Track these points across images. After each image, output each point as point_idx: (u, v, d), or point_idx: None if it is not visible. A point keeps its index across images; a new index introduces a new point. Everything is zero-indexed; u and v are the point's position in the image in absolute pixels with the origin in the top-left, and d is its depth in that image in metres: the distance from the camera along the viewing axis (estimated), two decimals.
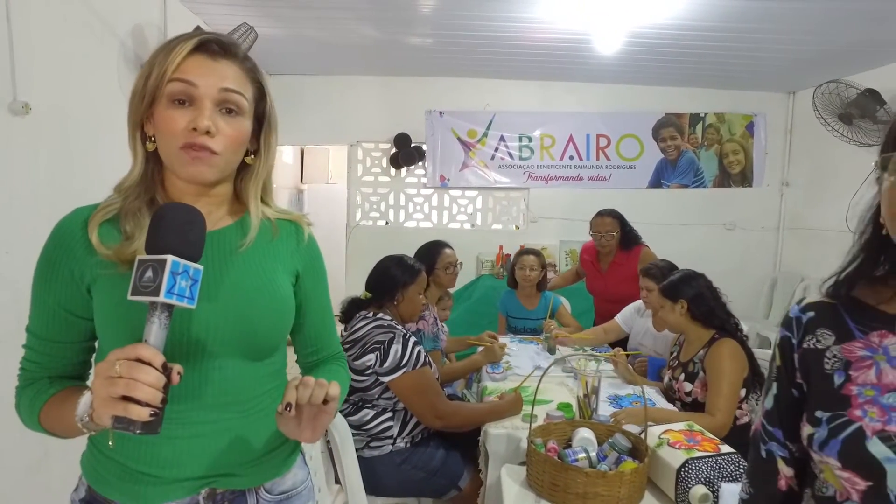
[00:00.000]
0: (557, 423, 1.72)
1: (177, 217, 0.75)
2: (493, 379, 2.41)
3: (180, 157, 0.83)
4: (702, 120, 4.83)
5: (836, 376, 0.77)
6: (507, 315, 3.26)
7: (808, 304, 0.85)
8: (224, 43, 0.87)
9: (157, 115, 0.84)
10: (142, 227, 0.83)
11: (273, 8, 3.25)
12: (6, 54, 1.93)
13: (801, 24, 3.26)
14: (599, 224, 3.15)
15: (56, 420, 0.84)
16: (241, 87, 0.87)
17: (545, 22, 3.32)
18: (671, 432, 1.56)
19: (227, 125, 0.85)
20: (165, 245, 0.72)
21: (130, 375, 0.68)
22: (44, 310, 0.87)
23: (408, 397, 1.88)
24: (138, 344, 0.70)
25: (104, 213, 0.86)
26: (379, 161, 4.80)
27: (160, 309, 0.72)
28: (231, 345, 0.88)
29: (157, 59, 0.83)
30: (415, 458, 1.93)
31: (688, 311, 2.09)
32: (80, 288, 0.86)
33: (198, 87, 0.82)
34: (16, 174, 2.00)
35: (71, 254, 0.85)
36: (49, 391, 0.86)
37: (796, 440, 0.83)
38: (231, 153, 0.87)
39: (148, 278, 0.70)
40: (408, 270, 2.11)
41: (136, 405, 0.67)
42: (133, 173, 0.88)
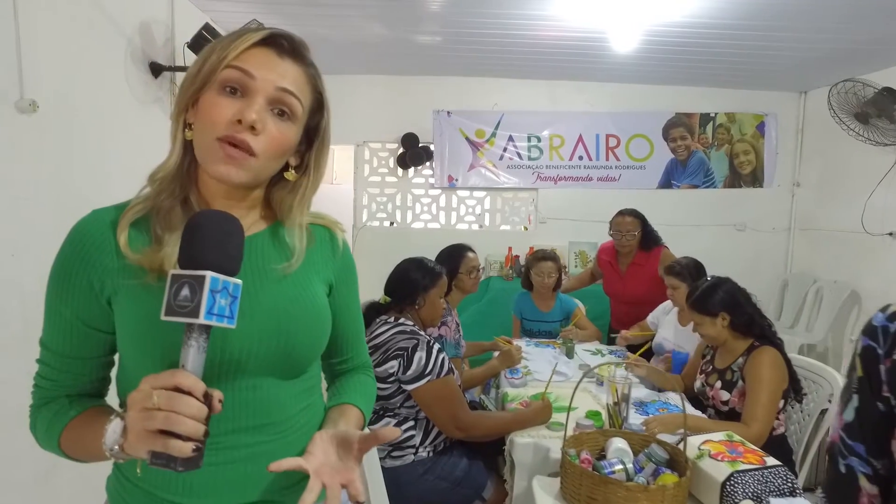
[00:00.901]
0: (589, 433, 1.65)
1: (215, 227, 0.68)
2: (513, 385, 2.35)
3: (213, 151, 0.75)
4: (712, 120, 4.78)
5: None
6: (521, 318, 3.20)
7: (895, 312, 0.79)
8: (295, 41, 0.81)
9: (203, 101, 0.76)
10: (172, 230, 0.76)
11: (282, 5, 3.19)
12: (13, 51, 1.87)
13: (817, 21, 3.21)
14: (621, 223, 3.08)
15: (79, 446, 0.77)
16: (300, 92, 0.80)
17: (559, 20, 3.26)
18: (711, 443, 1.50)
19: (275, 127, 0.78)
20: (203, 259, 0.65)
21: (171, 408, 0.61)
22: (60, 322, 0.79)
23: (430, 407, 1.82)
24: (176, 371, 0.64)
25: (135, 212, 0.78)
26: (386, 161, 4.74)
27: (198, 331, 0.65)
28: (267, 362, 0.81)
29: (218, 45, 0.77)
30: (438, 468, 1.87)
31: (730, 323, 2.01)
32: (100, 299, 0.78)
33: (255, 79, 0.76)
34: (22, 173, 1.93)
35: (90, 261, 0.77)
36: (69, 413, 0.79)
37: (881, 456, 0.78)
38: (270, 159, 0.79)
39: (184, 297, 0.63)
40: (428, 273, 2.04)
41: (177, 440, 0.61)
42: (169, 162, 0.79)
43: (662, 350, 2.76)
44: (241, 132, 0.75)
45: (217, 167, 0.76)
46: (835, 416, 0.86)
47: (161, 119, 2.72)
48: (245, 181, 0.78)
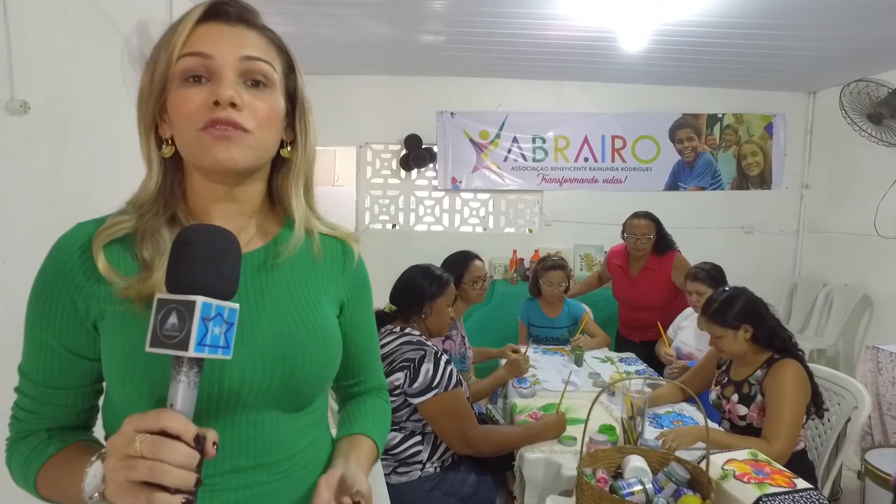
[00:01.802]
0: (604, 450, 1.57)
1: (206, 243, 0.59)
2: (521, 394, 2.27)
3: (202, 142, 0.67)
4: (719, 121, 4.71)
5: None
6: (528, 324, 3.12)
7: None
8: (240, 5, 0.71)
9: (171, 102, 0.68)
10: (162, 253, 0.68)
11: (284, 4, 3.13)
12: (3, 51, 1.80)
13: (830, 21, 3.14)
14: (635, 226, 3.00)
15: (57, 489, 0.69)
16: (267, 55, 0.71)
17: (567, 19, 3.19)
18: (735, 462, 1.43)
19: (255, 99, 0.69)
20: (193, 281, 0.57)
21: (155, 456, 0.53)
22: (41, 349, 0.71)
23: (437, 421, 1.74)
24: (162, 411, 0.55)
25: (111, 232, 0.69)
26: (388, 163, 4.67)
27: (188, 364, 0.56)
28: (269, 395, 0.72)
29: (161, 44, 0.69)
30: (445, 485, 1.79)
31: (752, 335, 1.91)
32: (85, 323, 0.70)
33: (213, 57, 0.67)
34: (13, 177, 1.86)
35: (73, 281, 0.69)
36: (48, 449, 0.70)
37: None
38: (264, 132, 0.70)
39: (172, 326, 0.55)
40: (436, 281, 1.97)
41: (164, 493, 0.52)
42: (149, 186, 0.71)
43: (681, 353, 2.69)
44: (222, 112, 0.66)
45: (213, 154, 0.67)
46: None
47: None
48: (249, 162, 0.70)
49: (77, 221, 0.73)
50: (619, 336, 3.28)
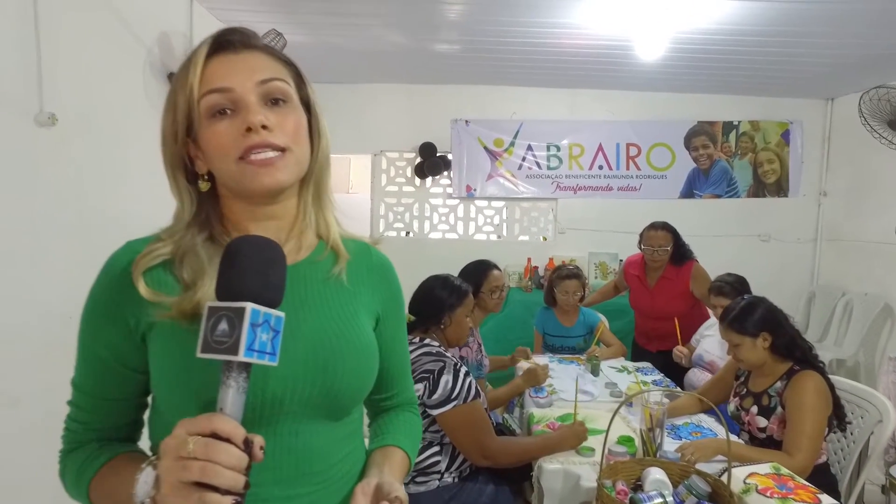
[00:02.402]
0: (624, 462, 1.57)
1: (255, 253, 0.62)
2: (538, 404, 2.27)
3: (245, 171, 0.70)
4: (735, 128, 4.68)
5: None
6: (543, 333, 3.12)
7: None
8: (242, 32, 0.75)
9: (203, 139, 0.72)
10: (203, 273, 0.71)
11: (301, 14, 3.17)
12: (34, 65, 1.85)
13: (849, 27, 3.12)
14: (652, 238, 2.98)
15: (107, 496, 0.71)
16: (279, 73, 0.74)
17: (582, 27, 3.20)
18: (757, 476, 1.42)
19: (280, 116, 0.72)
20: (243, 289, 0.59)
21: (207, 457, 0.55)
22: (94, 362, 0.74)
23: (455, 432, 1.75)
24: (213, 415, 0.57)
25: (148, 260, 0.72)
26: (403, 171, 4.69)
27: (237, 369, 0.59)
28: (311, 404, 0.74)
29: (178, 85, 0.72)
30: (463, 495, 1.79)
31: (771, 344, 1.90)
32: (135, 337, 0.72)
33: (233, 89, 0.70)
34: (40, 186, 1.91)
35: (122, 298, 0.72)
36: (99, 459, 0.73)
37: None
38: (298, 146, 0.74)
39: (222, 332, 0.57)
40: (455, 292, 1.98)
41: (215, 494, 0.54)
42: (182, 218, 0.75)
43: (702, 362, 2.67)
44: (256, 137, 0.70)
45: (259, 180, 0.71)
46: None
47: None
48: (293, 178, 0.74)
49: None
50: (635, 345, 3.27)
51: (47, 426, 0.79)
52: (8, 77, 1.78)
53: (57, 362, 0.80)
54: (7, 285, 1.76)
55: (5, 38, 1.76)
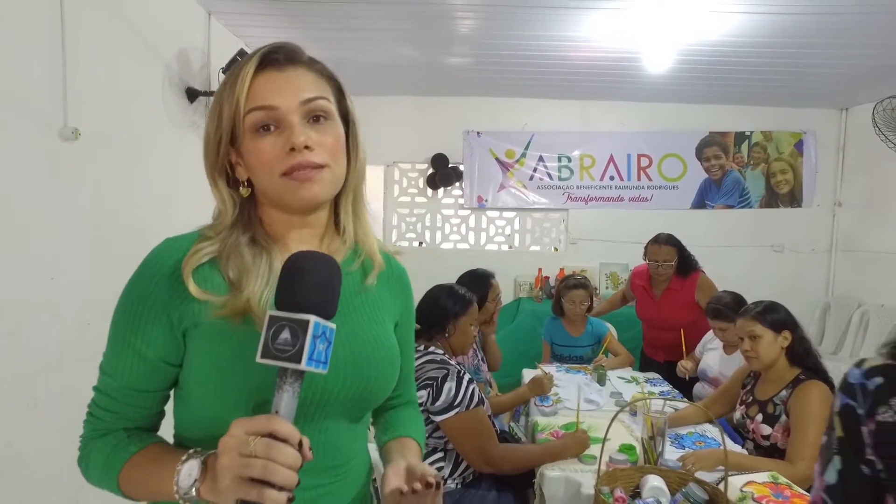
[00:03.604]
0: (623, 469, 1.59)
1: (319, 270, 0.67)
2: (543, 413, 2.29)
3: (287, 186, 0.75)
4: (748, 138, 4.68)
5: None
6: (552, 343, 3.14)
7: (873, 367, 0.74)
8: (287, 49, 0.78)
9: (246, 152, 0.76)
10: (247, 273, 0.75)
11: (315, 30, 3.25)
12: (59, 82, 1.94)
13: (862, 38, 3.12)
14: (656, 252, 3.00)
15: (141, 485, 0.74)
16: (322, 91, 0.78)
17: (592, 40, 3.24)
18: (755, 485, 1.43)
19: (321, 134, 0.76)
20: (308, 302, 0.64)
21: (269, 456, 0.59)
22: (130, 354, 0.75)
23: (458, 439, 1.78)
24: (272, 417, 0.62)
25: (198, 258, 0.75)
26: (416, 182, 4.76)
27: (293, 376, 0.63)
28: (342, 405, 0.79)
29: (223, 96, 0.76)
30: (466, 501, 1.82)
31: (790, 344, 1.91)
32: (176, 333, 0.75)
33: (278, 108, 0.74)
34: (63, 199, 1.99)
35: (167, 295, 0.74)
36: (129, 448, 0.75)
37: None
38: (335, 163, 0.78)
39: (284, 341, 0.61)
40: (459, 301, 2.02)
41: (272, 490, 0.59)
42: (225, 219, 0.79)
43: (706, 377, 2.68)
44: (299, 156, 0.74)
45: (300, 195, 0.75)
46: (816, 476, 0.80)
47: (196, 142, 2.79)
48: (330, 193, 0.79)
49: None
50: (643, 356, 3.27)
51: (63, 427, 0.82)
52: (35, 93, 1.87)
53: (74, 367, 0.84)
54: (28, 292, 1.84)
55: (35, 57, 1.85)
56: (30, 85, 1.84)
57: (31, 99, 1.85)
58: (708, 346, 2.74)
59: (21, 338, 1.80)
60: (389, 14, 3.02)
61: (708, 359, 2.69)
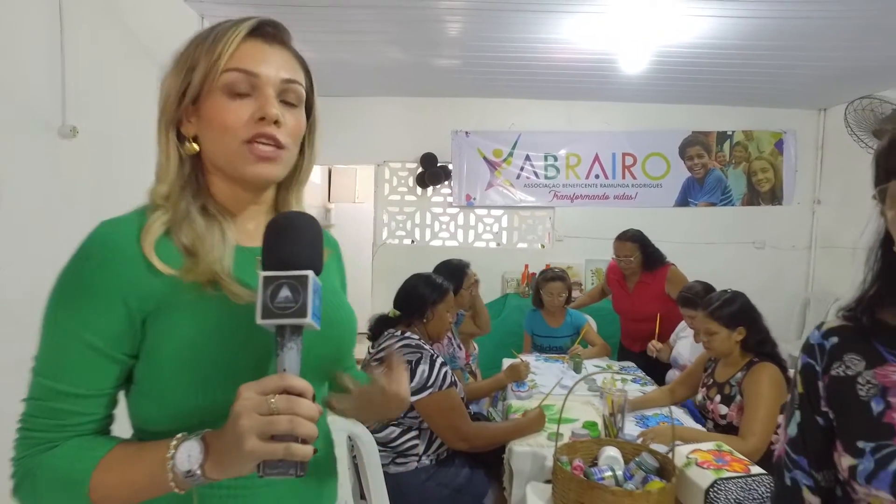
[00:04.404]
0: (583, 442, 1.71)
1: (307, 228, 0.69)
2: (519, 397, 2.41)
3: (243, 155, 0.73)
4: (729, 138, 4.80)
5: (873, 403, 0.75)
6: (532, 334, 3.26)
7: (830, 328, 0.84)
8: (279, 27, 0.79)
9: (210, 109, 0.73)
10: (202, 239, 0.72)
11: (305, 32, 3.36)
12: (58, 81, 2.04)
13: (831, 41, 3.24)
14: (619, 248, 3.15)
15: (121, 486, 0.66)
16: (299, 77, 0.79)
17: (571, 42, 3.37)
18: (699, 452, 1.55)
19: (290, 116, 0.76)
20: (302, 258, 0.65)
21: (292, 411, 0.59)
22: (79, 349, 0.67)
23: (432, 418, 1.90)
24: (283, 374, 0.62)
25: (156, 229, 0.71)
26: (405, 180, 4.88)
27: (295, 332, 0.63)
28: (317, 369, 0.79)
29: (201, 50, 0.73)
30: (440, 476, 1.94)
31: (744, 338, 2.03)
32: (134, 321, 0.69)
33: (259, 76, 0.74)
34: (61, 196, 2.09)
35: (123, 277, 0.68)
36: (94, 454, 0.67)
37: (822, 468, 0.82)
38: (294, 147, 0.79)
39: (286, 298, 0.62)
40: (437, 289, 2.14)
41: (298, 445, 0.59)
42: (169, 176, 0.76)
43: (677, 364, 2.79)
44: (267, 128, 0.73)
45: (254, 169, 0.74)
46: (781, 431, 0.91)
47: None
48: (281, 175, 0.79)
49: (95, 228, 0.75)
50: (621, 347, 3.39)
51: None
52: (35, 92, 1.97)
53: None
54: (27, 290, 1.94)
55: (35, 57, 1.96)
56: (29, 84, 1.94)
57: (30, 98, 1.95)
58: (680, 334, 2.86)
59: (22, 336, 1.89)
60: (379, 17, 3.14)
61: (679, 347, 2.81)
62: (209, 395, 0.69)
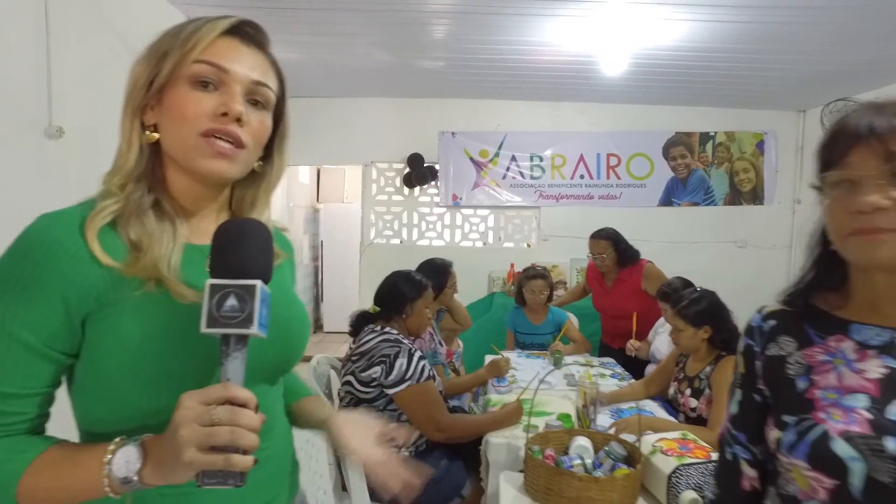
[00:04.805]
0: (556, 432, 1.77)
1: (257, 236, 0.68)
2: (499, 392, 2.47)
3: (199, 147, 0.72)
4: (712, 139, 4.88)
5: (799, 381, 0.82)
6: (515, 331, 3.32)
7: (769, 312, 0.90)
8: (259, 29, 0.79)
9: (172, 98, 0.73)
10: (150, 234, 0.71)
11: (290, 34, 3.41)
12: (44, 82, 2.08)
13: (805, 46, 3.32)
14: (593, 246, 3.24)
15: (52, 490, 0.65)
16: (270, 81, 0.78)
17: (553, 45, 3.43)
18: (665, 440, 1.61)
19: (255, 117, 0.76)
20: (251, 268, 0.65)
21: (234, 422, 0.59)
22: (13, 348, 0.65)
23: (410, 409, 1.95)
24: (228, 384, 0.62)
25: (102, 217, 0.70)
26: (392, 181, 4.92)
27: (240, 342, 0.63)
28: (267, 370, 0.81)
29: (174, 42, 0.73)
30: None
31: (710, 336, 2.09)
32: (73, 318, 0.67)
33: (229, 72, 0.73)
34: (47, 194, 2.13)
35: (63, 273, 0.66)
36: (24, 455, 0.65)
37: (759, 443, 0.88)
38: (254, 149, 0.77)
39: (232, 307, 0.62)
40: (416, 286, 2.19)
41: (239, 455, 0.60)
42: (128, 164, 0.75)
43: (655, 359, 2.86)
44: (228, 124, 0.72)
45: (208, 163, 0.73)
46: (725, 411, 0.97)
47: None
48: (236, 175, 0.77)
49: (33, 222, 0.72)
50: (602, 344, 3.46)
51: None
52: (22, 93, 2.01)
53: None
54: None
55: (21, 59, 2.00)
56: (15, 85, 1.97)
57: (16, 98, 1.98)
58: (659, 329, 2.93)
59: None
60: (365, 20, 3.18)
61: (658, 342, 2.88)
62: (152, 398, 0.68)
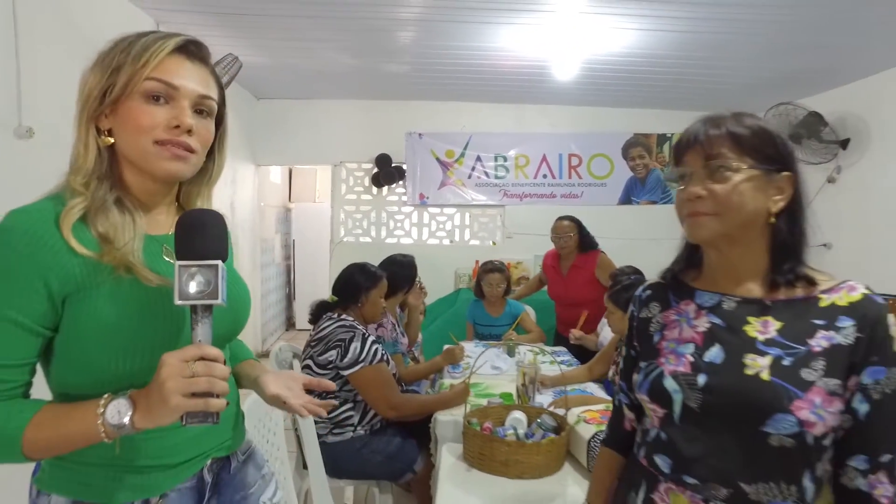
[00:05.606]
0: (494, 407, 1.93)
1: (216, 224, 0.82)
2: (453, 378, 2.62)
3: (156, 153, 0.83)
4: (669, 140, 5.11)
5: (655, 336, 1.01)
6: (474, 323, 3.48)
7: (648, 285, 1.10)
8: (201, 46, 0.89)
9: (127, 110, 0.83)
10: (117, 228, 0.83)
11: (258, 39, 3.52)
12: (13, 84, 2.17)
13: (740, 54, 3.56)
14: (559, 227, 3.43)
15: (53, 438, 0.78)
16: (213, 93, 0.90)
17: (511, 50, 3.61)
18: (590, 412, 1.78)
19: (201, 125, 0.88)
20: (213, 250, 0.78)
21: (209, 373, 0.74)
22: (4, 328, 0.77)
23: (364, 389, 2.09)
24: (201, 344, 0.76)
25: (73, 214, 0.80)
26: (361, 180, 5.06)
27: (205, 311, 0.78)
28: (221, 336, 0.92)
29: (125, 58, 0.83)
30: (373, 444, 2.13)
31: None
32: (55, 300, 0.79)
33: (178, 89, 0.84)
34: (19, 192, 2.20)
35: (42, 262, 0.77)
36: (23, 415, 0.78)
37: (633, 390, 1.06)
38: (202, 152, 0.90)
39: (199, 283, 0.76)
40: (370, 277, 2.33)
41: (215, 399, 0.74)
42: (87, 164, 0.85)
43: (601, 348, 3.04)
44: (180, 135, 0.84)
45: (166, 165, 0.84)
46: (603, 359, 1.16)
47: None
48: (189, 174, 0.89)
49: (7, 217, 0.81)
50: (556, 334, 3.63)
51: None
52: None
53: None
54: None
55: None
56: None
57: None
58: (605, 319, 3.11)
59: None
60: (331, 27, 3.31)
61: (606, 331, 3.05)
62: (125, 365, 0.81)
